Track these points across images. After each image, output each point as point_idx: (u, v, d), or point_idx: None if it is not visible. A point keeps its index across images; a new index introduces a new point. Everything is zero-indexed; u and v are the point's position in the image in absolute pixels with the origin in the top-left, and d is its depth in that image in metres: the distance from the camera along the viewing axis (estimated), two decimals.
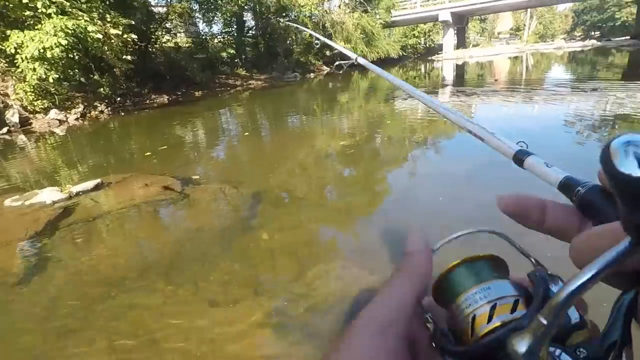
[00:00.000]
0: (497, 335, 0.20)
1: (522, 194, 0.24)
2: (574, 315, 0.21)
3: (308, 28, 21.36)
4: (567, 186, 0.23)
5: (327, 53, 24.55)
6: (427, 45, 39.83)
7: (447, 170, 4.11)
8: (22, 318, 2.23)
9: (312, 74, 22.40)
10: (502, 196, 0.24)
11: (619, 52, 21.66)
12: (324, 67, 24.50)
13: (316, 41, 20.78)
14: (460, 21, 33.01)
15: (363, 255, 2.56)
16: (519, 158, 0.33)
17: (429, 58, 31.27)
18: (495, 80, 13.20)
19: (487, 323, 0.21)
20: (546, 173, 0.27)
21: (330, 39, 22.12)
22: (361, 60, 1.22)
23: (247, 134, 7.32)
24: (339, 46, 1.49)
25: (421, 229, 0.26)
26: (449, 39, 31.29)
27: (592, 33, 48.86)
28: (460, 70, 19.96)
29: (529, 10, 47.49)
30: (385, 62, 27.11)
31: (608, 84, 9.00)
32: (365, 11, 24.63)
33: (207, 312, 2.10)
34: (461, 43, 36.30)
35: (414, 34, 36.48)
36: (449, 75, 17.92)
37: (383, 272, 2.30)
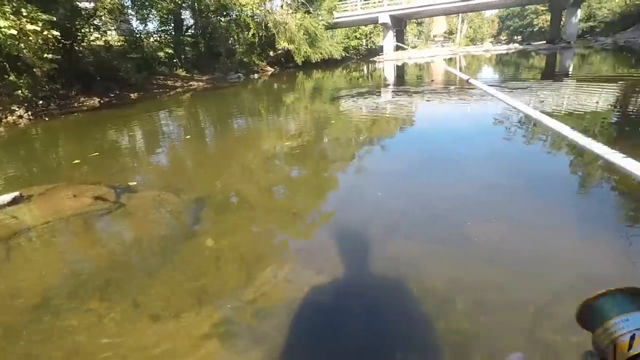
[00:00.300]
0: None
1: None
2: None
3: (250, 28, 21.05)
4: None
5: (271, 53, 24.38)
6: (369, 47, 41.15)
7: (390, 168, 4.28)
8: None
9: (256, 74, 22.08)
10: None
11: (537, 54, 24.14)
12: (269, 68, 24.30)
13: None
14: (399, 24, 34.55)
15: (311, 256, 2.58)
16: None
17: (371, 59, 32.34)
18: (432, 80, 14.01)
19: (627, 351, 0.24)
20: None
21: (274, 40, 22.04)
22: (472, 82, 1.23)
23: (188, 137, 7.01)
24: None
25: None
26: (389, 40, 32.60)
27: (515, 37, 54.01)
28: (400, 70, 20.89)
29: (460, 15, 51.14)
30: (328, 63, 27.55)
31: (530, 83, 9.98)
32: (308, 12, 24.81)
33: (149, 328, 1.98)
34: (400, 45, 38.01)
35: (355, 36, 37.48)
36: (390, 75, 18.67)
37: (331, 271, 2.34)
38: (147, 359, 1.78)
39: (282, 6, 24.71)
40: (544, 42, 32.27)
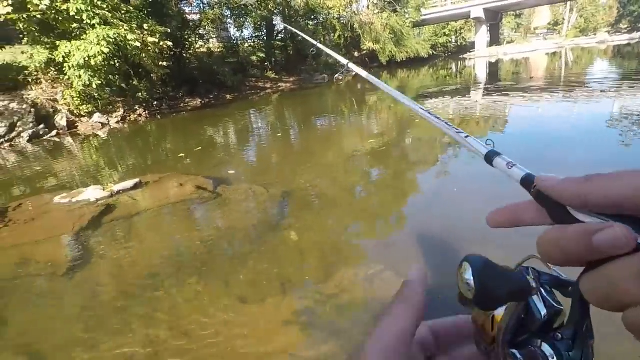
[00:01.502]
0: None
1: (508, 207, 0.27)
2: (542, 311, 0.25)
3: (336, 30, 21.42)
4: (526, 182, 0.27)
5: (356, 54, 24.49)
6: (459, 44, 38.77)
7: (477, 172, 4.00)
8: (66, 306, 2.40)
9: (340, 75, 22.41)
10: (489, 215, 0.28)
11: None
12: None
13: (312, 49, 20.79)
14: (494, 17, 31.87)
15: (391, 259, 2.54)
16: (490, 158, 0.37)
17: (461, 56, 30.44)
18: (531, 78, 12.65)
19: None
20: (510, 172, 0.31)
21: (359, 40, 21.99)
22: (352, 66, 1.24)
23: (277, 135, 7.45)
24: (332, 52, 1.48)
25: (421, 266, 0.29)
26: (481, 36, 30.31)
27: None
28: (493, 68, 19.28)
29: (568, 3, 45.07)
30: (414, 62, 26.68)
31: None
32: (395, 11, 24.36)
33: (236, 308, 2.17)
34: (495, 40, 35.02)
35: (444, 32, 35.64)
36: (482, 73, 17.36)
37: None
38: (234, 336, 1.95)
39: (368, 7, 24.67)
40: None
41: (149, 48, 11.19)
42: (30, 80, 10.50)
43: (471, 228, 2.74)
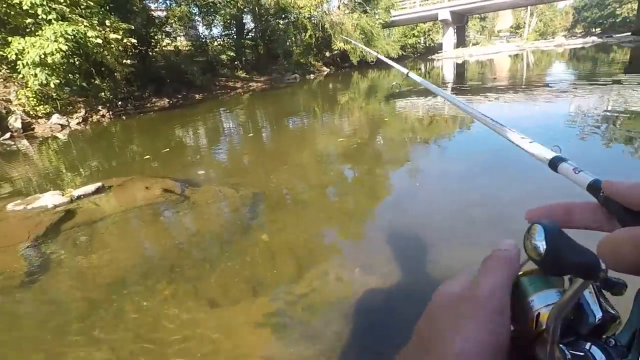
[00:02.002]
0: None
1: (546, 206, 0.27)
2: (597, 314, 0.24)
3: (307, 30, 21.43)
4: (593, 188, 0.27)
5: (327, 54, 24.59)
6: (427, 45, 39.81)
7: (447, 170, 4.11)
8: (25, 319, 2.25)
9: (312, 75, 22.44)
10: (530, 211, 0.27)
11: (620, 48, 21.57)
12: (324, 68, 24.55)
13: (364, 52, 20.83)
14: (460, 20, 32.98)
15: (362, 256, 2.57)
16: (554, 163, 0.37)
17: (429, 57, 31.26)
18: (494, 78, 13.19)
19: (534, 328, 0.26)
20: (576, 177, 0.31)
21: (330, 40, 22.08)
22: (412, 75, 1.32)
23: (248, 135, 7.34)
24: (393, 63, 1.57)
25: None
26: (448, 37, 31.27)
27: (593, 30, 48.66)
28: (460, 68, 19.94)
29: (529, 7, 47.43)
30: (385, 62, 27.09)
31: (610, 79, 8.97)
32: (365, 11, 24.65)
33: (207, 313, 2.12)
34: (461, 42, 36.24)
35: (413, 34, 36.49)
36: (449, 74, 17.91)
37: (382, 272, 2.31)
38: (205, 340, 1.90)
39: (338, 7, 24.83)
40: (629, 33, 28.65)
41: (112, 45, 10.72)
42: None
43: (442, 227, 2.82)
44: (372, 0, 25.33)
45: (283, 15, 20.81)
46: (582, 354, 0.23)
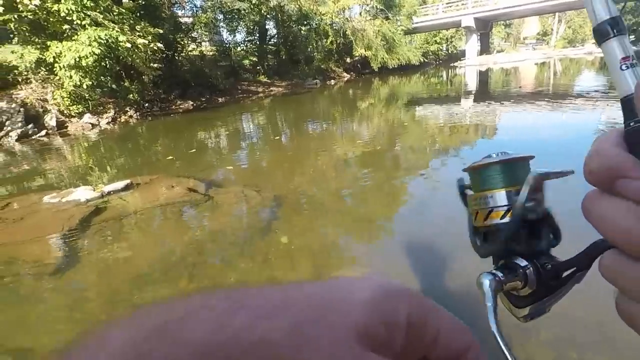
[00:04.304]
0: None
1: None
2: (552, 241, 0.28)
3: (329, 36, 21.60)
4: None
5: (348, 60, 24.71)
6: (450, 52, 39.41)
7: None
8: (53, 307, 2.39)
9: (332, 80, 22.59)
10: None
11: None
12: (345, 74, 24.66)
13: None
14: (484, 26, 32.51)
15: (379, 262, 2.59)
16: None
17: (451, 64, 30.92)
18: (519, 87, 12.93)
19: (482, 222, 0.30)
20: None
21: (351, 47, 22.13)
22: None
23: (269, 139, 7.48)
24: None
25: None
26: (472, 44, 30.86)
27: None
28: (483, 76, 19.65)
29: (557, 14, 46.26)
30: (406, 69, 27.03)
31: None
32: (387, 18, 24.68)
33: None
34: (485, 49, 35.70)
35: (435, 40, 36.21)
36: (472, 81, 17.67)
37: (402, 279, 2.33)
38: None
39: (360, 13, 24.97)
40: None
41: (140, 49, 11.16)
42: (20, 79, 10.37)
43: (460, 236, 2.81)
44: (394, 6, 25.34)
45: (305, 22, 21.09)
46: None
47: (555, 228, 0.28)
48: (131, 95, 12.08)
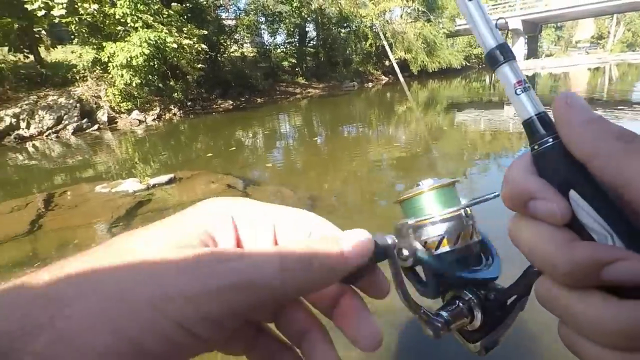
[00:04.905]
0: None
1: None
2: (497, 272, 0.28)
3: (368, 38, 21.50)
4: None
5: (387, 63, 24.43)
6: None
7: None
8: None
9: (370, 83, 22.45)
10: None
11: None
12: (383, 77, 24.41)
13: None
14: (533, 29, 31.01)
15: None
16: None
17: None
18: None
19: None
20: None
21: (391, 49, 21.88)
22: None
23: (305, 139, 7.57)
24: None
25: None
26: (518, 48, 29.53)
27: None
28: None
29: (615, 15, 43.13)
30: (446, 73, 26.32)
31: None
32: (428, 20, 24.18)
33: None
34: (532, 53, 34.02)
35: (479, 44, 34.94)
36: None
37: None
38: None
39: (401, 16, 24.63)
40: None
41: (185, 50, 11.69)
42: (77, 77, 11.21)
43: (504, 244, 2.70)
44: (437, 8, 24.77)
45: (345, 24, 21.13)
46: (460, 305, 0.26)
47: (492, 255, 0.29)
48: (176, 94, 12.68)
